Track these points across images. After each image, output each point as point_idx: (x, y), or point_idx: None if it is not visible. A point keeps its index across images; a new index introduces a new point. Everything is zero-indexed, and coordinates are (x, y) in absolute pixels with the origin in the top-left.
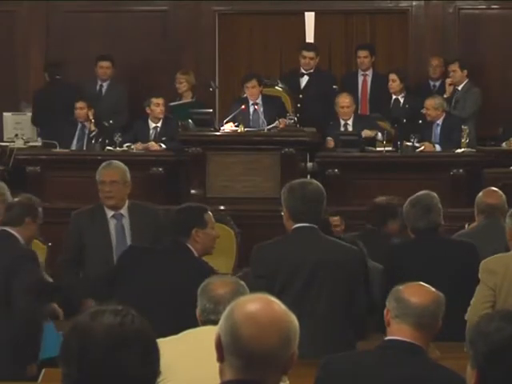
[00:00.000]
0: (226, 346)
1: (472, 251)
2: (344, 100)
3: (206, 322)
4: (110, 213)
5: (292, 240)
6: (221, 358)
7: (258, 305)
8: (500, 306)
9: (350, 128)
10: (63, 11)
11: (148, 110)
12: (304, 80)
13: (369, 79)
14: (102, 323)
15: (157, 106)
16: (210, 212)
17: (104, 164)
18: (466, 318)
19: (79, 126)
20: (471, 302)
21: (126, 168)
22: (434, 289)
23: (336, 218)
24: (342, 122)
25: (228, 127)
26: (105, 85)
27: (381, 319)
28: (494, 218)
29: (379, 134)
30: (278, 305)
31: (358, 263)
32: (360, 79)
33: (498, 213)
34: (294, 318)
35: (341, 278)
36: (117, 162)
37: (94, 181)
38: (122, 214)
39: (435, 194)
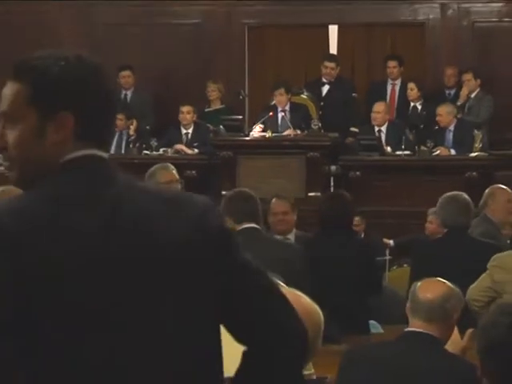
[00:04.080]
0: None
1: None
2: (378, 107)
3: None
4: None
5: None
6: None
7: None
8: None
9: (383, 135)
10: (102, 23)
11: (179, 117)
12: (325, 88)
13: (397, 88)
14: None
15: (185, 113)
16: None
17: (159, 166)
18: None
19: (117, 133)
20: (471, 286)
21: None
22: (448, 283)
23: (357, 219)
24: (376, 129)
25: (256, 131)
26: (128, 93)
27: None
28: None
29: None
30: (304, 298)
31: (298, 259)
32: (389, 88)
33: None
34: (319, 310)
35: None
36: (168, 164)
37: None
38: None
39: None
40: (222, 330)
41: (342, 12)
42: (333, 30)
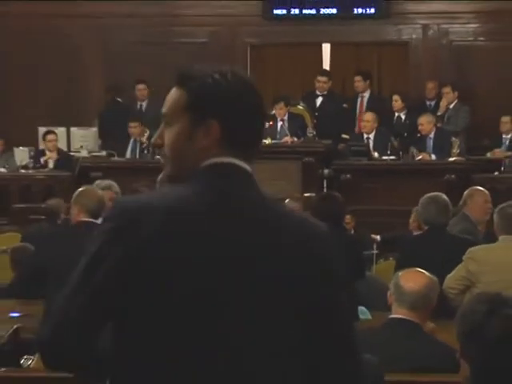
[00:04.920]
0: None
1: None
2: (367, 116)
3: None
4: None
5: None
6: None
7: None
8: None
9: (371, 141)
10: (121, 41)
11: None
12: (319, 100)
13: (365, 100)
14: None
15: None
16: None
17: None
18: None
19: (132, 139)
20: (448, 276)
21: None
22: (427, 273)
23: (348, 217)
24: (365, 136)
25: None
26: (144, 104)
27: None
28: None
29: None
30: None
31: None
32: (359, 100)
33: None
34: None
35: None
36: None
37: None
38: None
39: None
40: None
41: (334, 32)
42: (326, 48)
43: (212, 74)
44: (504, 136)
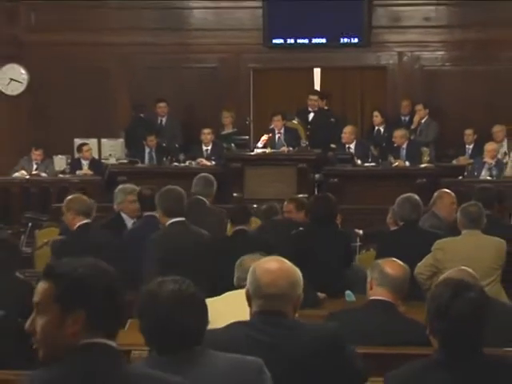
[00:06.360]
0: (252, 293)
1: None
2: (347, 129)
3: (240, 287)
4: None
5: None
6: (249, 304)
7: (271, 262)
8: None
9: (352, 150)
10: (143, 66)
11: (201, 137)
12: (311, 116)
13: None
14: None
15: (206, 134)
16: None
17: (199, 176)
18: (414, 273)
19: (147, 149)
20: (418, 264)
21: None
22: (403, 263)
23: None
24: (347, 145)
25: (259, 148)
26: (163, 119)
27: None
28: None
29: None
30: (285, 261)
31: (208, 244)
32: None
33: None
34: (297, 270)
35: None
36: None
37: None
38: None
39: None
40: (228, 298)
41: (324, 58)
42: (316, 72)
43: (76, 268)
44: (467, 146)
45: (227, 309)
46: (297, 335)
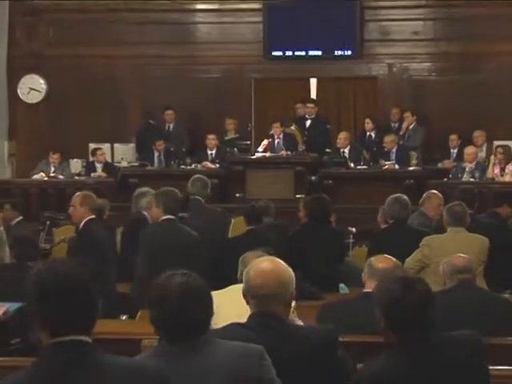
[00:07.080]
0: (246, 293)
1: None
2: (341, 134)
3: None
4: None
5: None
6: (247, 302)
7: (265, 262)
8: (432, 271)
9: (346, 155)
10: (152, 76)
11: (206, 142)
12: (308, 122)
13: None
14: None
15: (211, 139)
16: None
17: (195, 178)
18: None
19: (156, 153)
20: (407, 259)
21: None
22: (393, 258)
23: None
24: (341, 150)
25: (260, 152)
26: (171, 126)
27: None
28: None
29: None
30: (279, 262)
31: (197, 244)
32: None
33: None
34: (290, 270)
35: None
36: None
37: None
38: None
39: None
40: (228, 293)
41: (319, 69)
42: (313, 82)
43: (35, 280)
44: (452, 150)
45: (230, 301)
46: (288, 338)
